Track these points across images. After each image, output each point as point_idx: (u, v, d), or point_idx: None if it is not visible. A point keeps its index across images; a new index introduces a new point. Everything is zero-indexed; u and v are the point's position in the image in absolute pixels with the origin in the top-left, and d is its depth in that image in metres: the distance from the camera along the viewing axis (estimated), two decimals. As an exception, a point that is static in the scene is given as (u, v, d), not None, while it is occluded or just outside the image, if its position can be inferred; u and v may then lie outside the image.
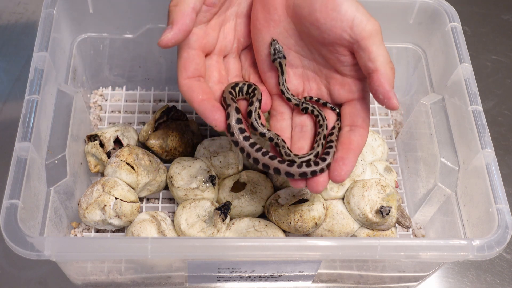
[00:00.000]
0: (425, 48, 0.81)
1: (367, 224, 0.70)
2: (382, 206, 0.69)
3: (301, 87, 0.62)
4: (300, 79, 0.62)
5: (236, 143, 0.57)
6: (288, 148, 0.59)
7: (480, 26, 1.03)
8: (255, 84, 0.61)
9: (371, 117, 0.88)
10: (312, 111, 0.61)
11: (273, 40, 0.59)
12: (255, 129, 0.59)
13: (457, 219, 0.69)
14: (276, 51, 0.59)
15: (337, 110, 0.60)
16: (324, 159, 0.56)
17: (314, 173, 0.56)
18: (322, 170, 0.56)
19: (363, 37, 0.54)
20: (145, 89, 0.89)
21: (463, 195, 0.69)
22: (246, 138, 0.57)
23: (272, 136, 0.59)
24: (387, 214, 0.68)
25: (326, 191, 0.72)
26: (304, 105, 0.60)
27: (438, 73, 0.78)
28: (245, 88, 0.60)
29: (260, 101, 0.60)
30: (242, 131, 0.57)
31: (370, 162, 0.76)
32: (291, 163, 0.57)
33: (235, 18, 0.61)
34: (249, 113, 0.59)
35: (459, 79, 0.72)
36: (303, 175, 0.56)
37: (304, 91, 0.62)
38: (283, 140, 0.59)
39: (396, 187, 0.77)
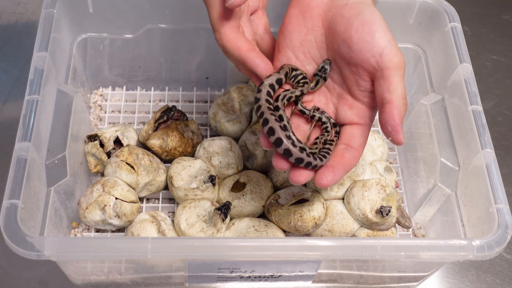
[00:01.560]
0: (425, 48, 0.81)
1: (367, 224, 0.70)
2: (382, 206, 0.69)
3: (310, 97, 0.62)
4: (313, 90, 0.62)
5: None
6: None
7: (480, 26, 1.03)
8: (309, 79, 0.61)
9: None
10: (320, 118, 0.61)
11: (328, 60, 0.60)
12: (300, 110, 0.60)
13: (457, 219, 0.69)
14: (323, 70, 0.60)
15: (338, 129, 0.60)
16: (321, 159, 0.56)
17: (308, 165, 0.55)
18: (314, 166, 0.55)
19: (388, 67, 0.54)
20: (145, 89, 0.89)
21: (463, 195, 0.69)
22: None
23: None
24: (387, 214, 0.68)
25: (326, 191, 0.72)
26: (313, 113, 0.61)
27: (438, 73, 0.78)
28: (300, 77, 0.60)
29: (301, 94, 0.60)
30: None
31: (370, 162, 0.76)
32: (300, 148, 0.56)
33: None
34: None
35: (459, 79, 0.72)
36: (299, 161, 0.55)
37: (312, 101, 0.62)
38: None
39: (396, 187, 0.77)
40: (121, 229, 0.74)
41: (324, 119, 0.61)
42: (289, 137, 0.55)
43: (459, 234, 0.68)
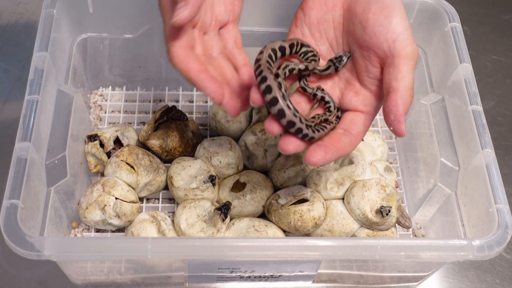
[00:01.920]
0: (425, 48, 0.81)
1: (367, 224, 0.70)
2: (382, 206, 0.69)
3: (316, 79, 0.62)
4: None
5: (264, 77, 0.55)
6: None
7: (480, 26, 1.03)
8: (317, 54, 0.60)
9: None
10: (323, 98, 0.60)
11: (348, 52, 0.59)
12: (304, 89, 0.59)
13: (457, 219, 0.69)
14: (339, 59, 0.59)
15: (340, 114, 0.60)
16: (313, 131, 0.54)
17: (298, 132, 0.54)
18: (305, 136, 0.54)
19: (400, 55, 0.54)
20: (145, 89, 0.89)
21: (463, 195, 0.69)
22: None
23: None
24: (387, 214, 0.68)
25: (326, 191, 0.72)
26: (315, 92, 0.60)
27: (438, 73, 0.78)
28: (310, 54, 0.59)
29: (306, 69, 0.59)
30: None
31: (370, 162, 0.76)
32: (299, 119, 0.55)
33: None
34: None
35: (459, 79, 0.72)
36: (291, 125, 0.53)
37: (318, 83, 0.61)
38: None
39: (396, 187, 0.77)
40: (121, 229, 0.74)
41: (327, 98, 0.60)
42: (285, 98, 0.53)
43: (459, 234, 0.68)
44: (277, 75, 0.55)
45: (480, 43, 1.01)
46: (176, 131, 0.78)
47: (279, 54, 0.57)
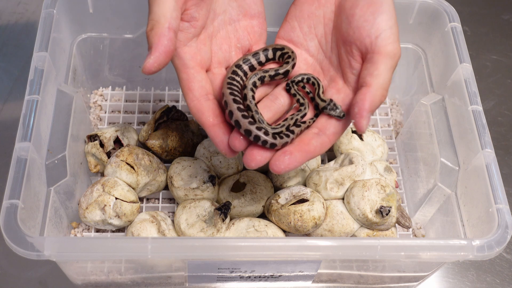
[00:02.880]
0: (425, 48, 0.81)
1: (367, 224, 0.70)
2: (382, 206, 0.69)
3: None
4: (308, 68, 0.62)
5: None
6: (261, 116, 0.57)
7: (480, 26, 1.03)
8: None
9: (371, 117, 0.88)
10: (295, 95, 0.59)
11: (332, 100, 0.59)
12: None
13: (457, 219, 0.69)
14: (323, 103, 0.59)
15: (317, 112, 0.59)
16: (275, 137, 0.53)
17: (256, 139, 0.53)
18: (264, 143, 0.53)
19: (380, 52, 0.53)
20: (145, 89, 0.89)
21: (463, 195, 0.69)
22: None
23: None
24: (387, 214, 0.68)
25: (326, 191, 0.72)
26: (289, 86, 0.60)
27: (438, 73, 0.78)
28: (286, 56, 0.60)
29: (276, 75, 0.59)
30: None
31: (370, 162, 0.76)
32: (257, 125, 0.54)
33: (225, 26, 0.60)
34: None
35: (459, 79, 0.72)
36: (248, 134, 0.53)
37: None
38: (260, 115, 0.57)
39: (396, 187, 0.77)
40: (121, 229, 0.74)
41: (298, 97, 0.59)
42: (240, 110, 0.53)
43: (459, 234, 0.68)
44: (244, 87, 0.56)
45: (480, 43, 1.01)
46: (176, 131, 0.78)
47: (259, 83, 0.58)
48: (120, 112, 0.86)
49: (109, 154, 0.76)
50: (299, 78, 0.60)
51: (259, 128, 0.53)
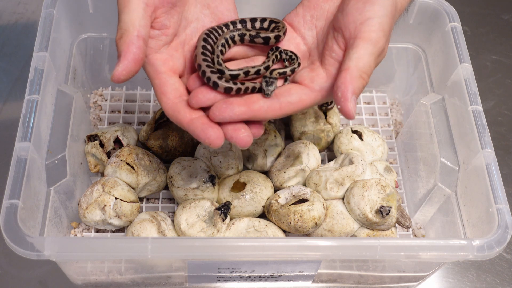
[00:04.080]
0: (425, 48, 0.81)
1: (367, 224, 0.70)
2: (382, 206, 0.69)
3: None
4: (296, 53, 0.61)
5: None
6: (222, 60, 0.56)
7: (480, 26, 1.03)
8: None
9: (370, 117, 0.88)
10: (281, 54, 0.59)
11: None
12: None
13: (457, 219, 0.69)
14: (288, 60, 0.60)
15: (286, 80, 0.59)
16: (227, 81, 0.53)
17: (208, 79, 0.52)
18: (208, 80, 0.52)
19: (362, 37, 0.53)
20: (145, 89, 0.89)
21: (463, 195, 0.69)
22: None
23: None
24: (387, 214, 0.68)
25: (326, 191, 0.72)
26: (272, 50, 0.60)
27: (438, 73, 0.78)
28: (287, 56, 0.60)
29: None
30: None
31: (370, 162, 0.76)
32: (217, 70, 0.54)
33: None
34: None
35: (459, 79, 0.72)
36: (199, 68, 0.52)
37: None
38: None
39: (396, 187, 0.77)
40: (121, 229, 0.74)
41: (284, 57, 0.59)
42: (206, 56, 0.54)
43: (459, 234, 0.68)
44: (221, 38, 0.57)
45: (480, 43, 1.01)
46: (176, 131, 0.78)
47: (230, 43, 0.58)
48: (120, 112, 0.86)
49: (109, 154, 0.76)
50: (286, 52, 0.60)
51: (208, 66, 0.52)
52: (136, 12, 0.52)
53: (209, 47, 0.55)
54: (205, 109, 0.54)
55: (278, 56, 0.59)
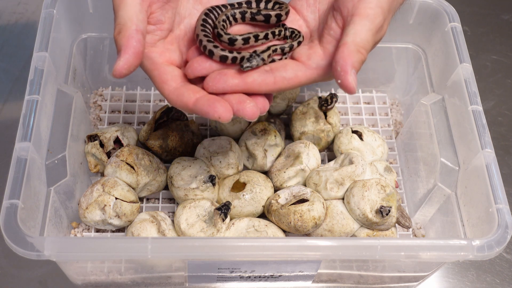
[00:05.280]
0: (425, 48, 0.81)
1: (367, 224, 0.70)
2: (382, 206, 0.69)
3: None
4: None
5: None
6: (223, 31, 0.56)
7: (480, 26, 1.03)
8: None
9: (370, 117, 0.88)
10: (280, 32, 0.59)
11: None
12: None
13: (457, 219, 0.69)
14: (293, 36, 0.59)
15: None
16: (223, 50, 0.53)
17: (204, 48, 0.52)
18: (204, 48, 0.52)
19: (359, 14, 0.53)
20: (145, 89, 0.89)
21: (463, 195, 0.69)
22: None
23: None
24: (387, 214, 0.68)
25: (326, 191, 0.72)
26: (280, 27, 0.59)
27: (438, 73, 0.78)
28: (293, 34, 0.59)
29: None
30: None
31: (370, 162, 0.76)
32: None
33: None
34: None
35: (459, 79, 0.72)
36: (196, 38, 0.53)
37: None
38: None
39: (396, 187, 0.77)
40: (121, 229, 0.74)
41: (287, 33, 0.59)
42: (203, 26, 0.54)
43: (459, 234, 0.68)
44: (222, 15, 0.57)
45: (480, 43, 1.01)
46: (176, 131, 0.78)
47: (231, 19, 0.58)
48: (120, 112, 0.86)
49: (109, 154, 0.76)
50: (289, 28, 0.59)
51: (206, 35, 0.52)
52: (133, 6, 0.53)
53: (210, 21, 0.55)
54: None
55: (282, 32, 0.59)
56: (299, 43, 0.59)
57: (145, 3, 0.54)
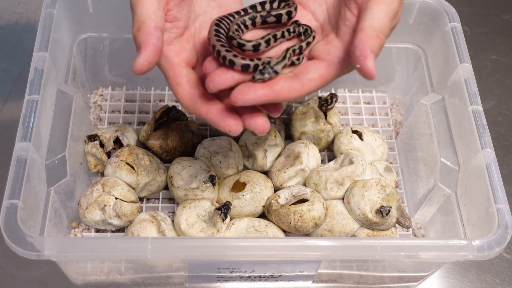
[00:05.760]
0: (425, 48, 0.81)
1: (367, 224, 0.70)
2: (382, 206, 0.69)
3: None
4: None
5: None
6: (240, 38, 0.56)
7: (480, 26, 1.03)
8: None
9: (370, 117, 0.88)
10: (295, 30, 0.58)
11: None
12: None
13: (457, 219, 0.69)
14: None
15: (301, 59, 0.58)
16: (245, 59, 0.52)
17: (218, 54, 0.52)
18: (231, 63, 0.51)
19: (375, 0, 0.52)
20: (145, 89, 0.89)
21: (463, 195, 0.69)
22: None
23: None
24: (387, 214, 0.68)
25: (326, 191, 0.72)
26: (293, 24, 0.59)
27: (438, 73, 0.78)
28: (307, 31, 0.59)
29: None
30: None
31: (370, 162, 0.76)
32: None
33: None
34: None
35: (459, 79, 0.72)
36: (213, 49, 0.52)
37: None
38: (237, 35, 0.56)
39: (396, 187, 0.77)
40: (121, 229, 0.74)
41: (301, 29, 0.58)
42: (218, 36, 0.53)
43: (459, 234, 0.68)
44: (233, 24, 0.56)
45: (480, 43, 1.01)
46: (176, 131, 0.78)
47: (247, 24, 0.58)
48: (120, 112, 0.86)
49: (109, 154, 0.76)
50: (304, 25, 0.59)
51: (223, 45, 0.52)
52: (151, 4, 0.52)
53: (222, 31, 0.55)
54: (222, 97, 0.54)
55: (296, 28, 0.59)
56: (313, 38, 0.58)
57: (162, 1, 0.54)
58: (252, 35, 0.59)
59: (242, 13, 0.59)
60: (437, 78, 0.78)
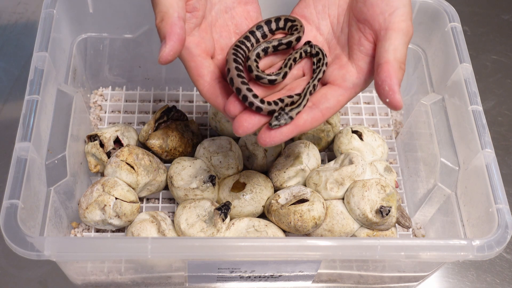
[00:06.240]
0: (425, 48, 0.81)
1: (367, 224, 0.70)
2: (382, 206, 0.69)
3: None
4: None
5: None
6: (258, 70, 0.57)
7: (480, 26, 1.03)
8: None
9: (370, 117, 0.88)
10: (307, 51, 0.59)
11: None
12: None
13: (457, 219, 0.69)
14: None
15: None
16: (269, 103, 0.53)
17: (244, 99, 0.53)
18: (258, 109, 0.52)
19: (394, 28, 0.53)
20: (145, 89, 0.89)
21: (463, 195, 0.69)
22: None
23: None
24: (387, 214, 0.68)
25: (326, 191, 0.72)
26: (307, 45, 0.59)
27: (438, 73, 0.78)
28: (294, 27, 0.59)
29: (280, 45, 0.59)
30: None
31: (370, 162, 0.76)
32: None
33: (222, 15, 0.61)
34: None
35: (459, 79, 0.72)
36: (238, 92, 0.53)
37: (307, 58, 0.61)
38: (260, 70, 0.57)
39: (396, 187, 0.77)
40: (121, 229, 0.74)
41: (315, 50, 0.59)
42: (241, 76, 0.53)
43: (459, 234, 0.68)
44: (248, 59, 0.56)
45: (480, 43, 1.01)
46: (176, 131, 0.78)
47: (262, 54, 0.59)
48: (120, 112, 0.86)
49: (109, 154, 0.76)
50: (314, 46, 0.59)
51: (249, 89, 0.52)
52: None
53: (240, 67, 0.56)
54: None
55: (308, 50, 0.59)
56: (326, 64, 0.59)
57: None
58: (265, 63, 0.60)
59: (252, 38, 0.59)
60: (437, 78, 0.78)
